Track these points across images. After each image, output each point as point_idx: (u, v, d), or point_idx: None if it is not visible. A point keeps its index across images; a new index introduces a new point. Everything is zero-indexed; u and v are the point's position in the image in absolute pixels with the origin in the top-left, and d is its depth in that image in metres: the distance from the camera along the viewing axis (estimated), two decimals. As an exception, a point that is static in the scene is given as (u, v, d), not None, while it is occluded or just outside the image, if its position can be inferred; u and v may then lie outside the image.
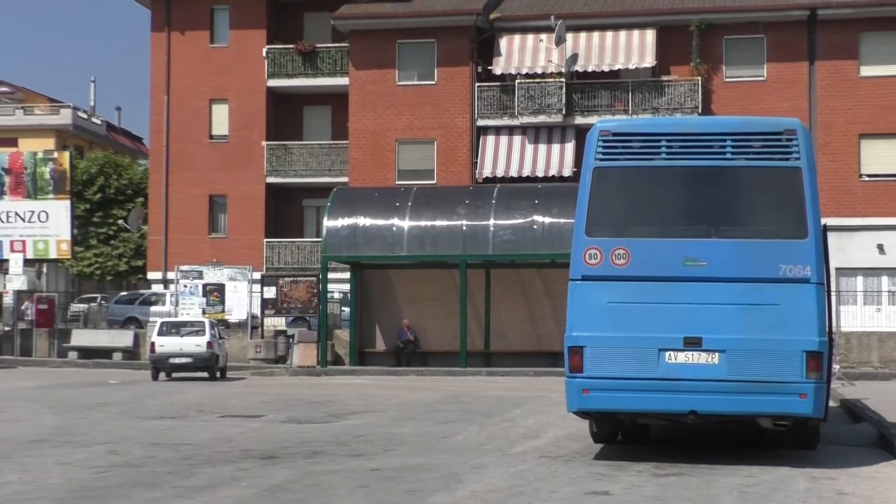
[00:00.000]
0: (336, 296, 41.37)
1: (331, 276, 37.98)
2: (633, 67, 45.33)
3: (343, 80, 47.22)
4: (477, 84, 46.39)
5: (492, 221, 35.93)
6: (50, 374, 34.79)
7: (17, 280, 41.94)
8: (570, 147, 45.57)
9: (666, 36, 45.39)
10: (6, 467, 14.34)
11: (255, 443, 17.03)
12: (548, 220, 35.36)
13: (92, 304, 52.35)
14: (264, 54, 47.62)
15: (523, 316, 37.03)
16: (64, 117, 79.26)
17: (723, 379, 13.63)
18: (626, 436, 15.87)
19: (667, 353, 13.81)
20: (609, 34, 45.79)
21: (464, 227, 36.03)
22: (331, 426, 19.54)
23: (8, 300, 42.09)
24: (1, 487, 12.80)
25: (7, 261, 42.30)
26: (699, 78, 45.29)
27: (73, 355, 39.69)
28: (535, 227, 35.47)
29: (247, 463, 14.70)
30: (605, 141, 14.36)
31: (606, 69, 45.54)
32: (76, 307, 51.13)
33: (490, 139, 46.42)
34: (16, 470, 14.10)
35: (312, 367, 36.16)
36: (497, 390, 28.29)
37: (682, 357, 13.79)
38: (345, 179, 46.26)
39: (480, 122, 46.53)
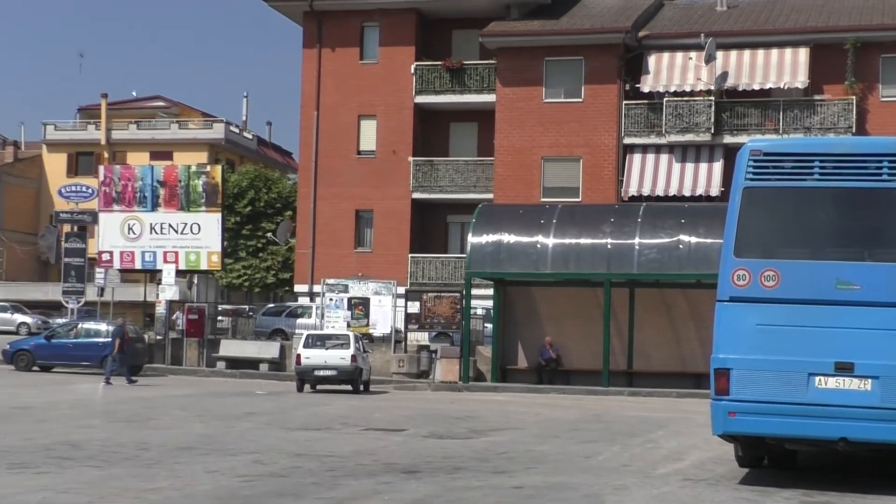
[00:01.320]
0: (479, 312, 41.43)
1: (474, 292, 38.06)
2: (785, 86, 44.55)
3: (490, 97, 47.38)
4: (624, 102, 46.10)
5: (637, 240, 35.62)
6: (199, 383, 35.54)
7: (169, 290, 42.95)
8: (718, 166, 44.99)
9: (819, 54, 44.50)
10: (157, 473, 14.69)
11: (398, 457, 17.14)
12: (694, 239, 34.92)
13: (240, 316, 53.37)
14: (412, 71, 48.04)
15: (667, 336, 36.60)
16: (217, 132, 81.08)
17: (876, 406, 13.27)
18: (773, 461, 15.54)
19: (816, 378, 13.51)
20: (760, 52, 45.11)
21: (608, 246, 35.79)
22: (472, 442, 19.56)
23: (160, 310, 43.13)
24: (153, 493, 13.12)
25: (160, 271, 43.36)
26: (853, 97, 44.31)
27: (221, 365, 40.45)
28: (680, 246, 35.05)
29: (389, 476, 14.80)
30: (755, 161, 14.14)
31: (757, 87, 44.85)
32: (224, 318, 52.19)
33: (636, 157, 46.07)
34: (166, 476, 14.44)
35: (454, 383, 36.26)
36: (639, 410, 28.00)
37: (832, 382, 13.47)
38: (490, 196, 46.37)
39: (627, 140, 46.21)
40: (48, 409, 24.16)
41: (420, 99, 48.30)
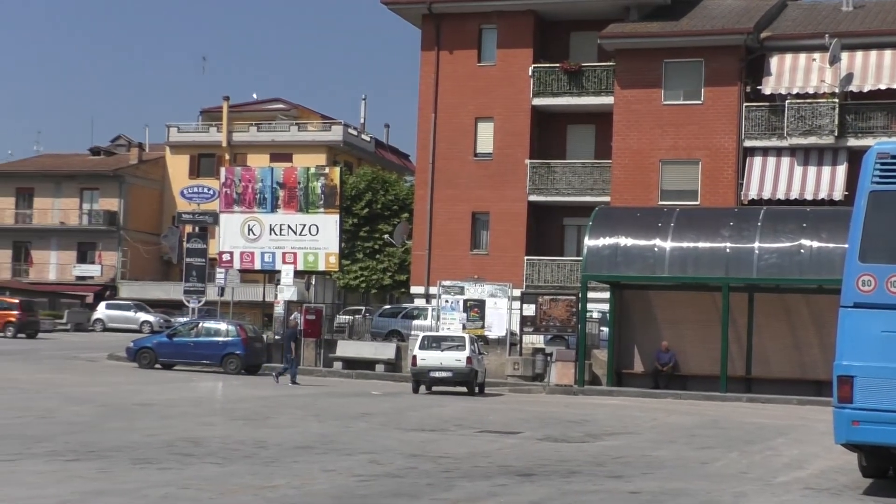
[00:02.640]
0: (595, 315, 41.18)
1: (590, 295, 37.84)
2: (913, 87, 43.54)
3: (608, 100, 47.09)
4: (745, 104, 45.47)
5: (756, 244, 35.08)
6: (315, 383, 35.87)
7: (287, 291, 43.44)
8: (841, 170, 44.13)
9: (949, 54, 43.39)
10: (275, 472, 14.88)
11: (512, 459, 17.12)
12: (816, 244, 34.27)
13: (356, 317, 53.82)
14: (530, 73, 47.95)
15: (787, 342, 35.97)
16: (335, 134, 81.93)
17: None
18: (899, 471, 15.20)
19: (944, 387, 13.17)
20: (887, 53, 44.15)
21: (727, 250, 35.31)
22: (588, 446, 19.46)
23: (278, 310, 43.64)
24: (271, 491, 13.29)
25: (279, 272, 43.89)
26: None
27: (337, 365, 40.78)
28: (802, 251, 34.42)
29: (504, 479, 14.79)
30: (882, 164, 13.83)
31: (884, 88, 43.87)
32: (342, 318, 52.64)
33: (757, 160, 45.40)
34: (284, 474, 14.61)
35: (570, 386, 36.09)
36: (758, 417, 27.57)
37: (960, 391, 13.12)
38: (606, 199, 46.08)
39: (747, 143, 45.57)
40: (170, 407, 24.61)
41: (537, 101, 48.18)
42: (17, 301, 59.48)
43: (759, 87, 45.31)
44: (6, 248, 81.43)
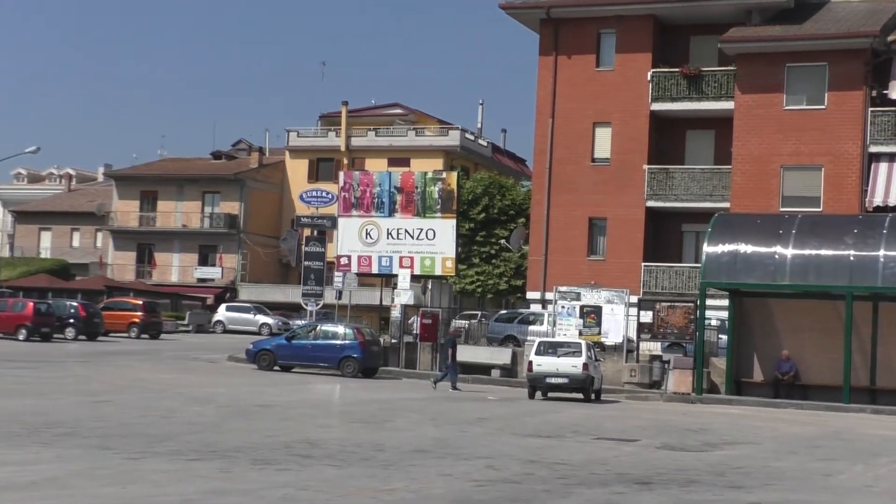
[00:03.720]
0: (713, 323, 40.65)
1: (709, 302, 37.37)
2: None
3: (728, 104, 46.44)
4: (870, 109, 44.48)
5: (882, 252, 34.33)
6: (431, 387, 35.99)
7: (404, 295, 43.64)
8: (970, 176, 42.95)
9: None
10: (393, 475, 14.96)
11: (630, 467, 16.99)
12: (944, 252, 33.41)
13: (472, 321, 53.85)
14: (649, 78, 47.53)
15: (913, 352, 35.15)
16: (452, 139, 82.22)
17: None
18: None
19: None
20: None
21: (851, 258, 34.61)
22: (706, 455, 19.23)
23: (395, 314, 43.88)
24: (388, 494, 13.36)
25: (396, 276, 44.13)
26: None
27: (452, 369, 40.84)
28: (929, 259, 33.58)
29: (621, 487, 14.68)
30: None
31: None
32: (458, 323, 52.67)
33: (883, 166, 44.39)
34: (402, 478, 14.69)
35: (687, 394, 35.69)
36: (884, 429, 26.98)
37: None
38: (726, 205, 45.44)
39: (873, 149, 44.57)
40: (288, 408, 24.90)
41: (656, 106, 47.72)
42: (140, 302, 60.76)
43: (885, 92, 44.29)
44: (131, 251, 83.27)
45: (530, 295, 50.09)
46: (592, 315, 39.89)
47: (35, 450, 15.64)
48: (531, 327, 44.94)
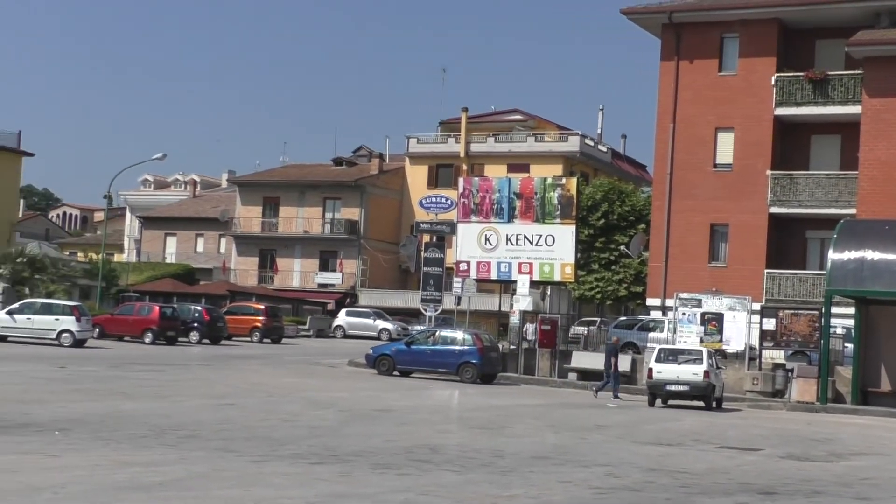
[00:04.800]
0: (839, 331, 39.83)
1: (834, 310, 36.63)
2: None
3: (854, 109, 45.47)
4: None
5: None
6: (550, 394, 35.91)
7: (523, 301, 43.56)
8: None
9: None
10: (513, 481, 14.93)
11: (753, 477, 16.73)
12: None
13: (591, 328, 53.53)
14: (773, 82, 46.76)
15: None
16: (572, 144, 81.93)
17: None
18: None
19: None
20: None
21: (983, 265, 33.64)
22: (832, 466, 18.85)
23: (514, 320, 43.83)
24: (508, 500, 13.34)
25: (515, 282, 44.07)
26: None
27: (572, 376, 40.64)
28: None
29: (744, 497, 14.46)
30: None
31: None
32: (576, 329, 52.44)
33: None
34: (521, 484, 14.65)
35: (811, 404, 35.03)
36: None
37: None
38: (852, 211, 44.49)
39: None
40: (408, 413, 25.01)
41: (780, 111, 46.95)
42: (262, 307, 61.63)
43: None
44: (253, 256, 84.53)
45: (650, 301, 49.64)
46: (714, 322, 39.40)
47: (160, 451, 15.94)
48: (651, 334, 44.56)
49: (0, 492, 12.16)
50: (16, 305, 47.00)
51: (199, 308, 56.29)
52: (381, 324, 68.62)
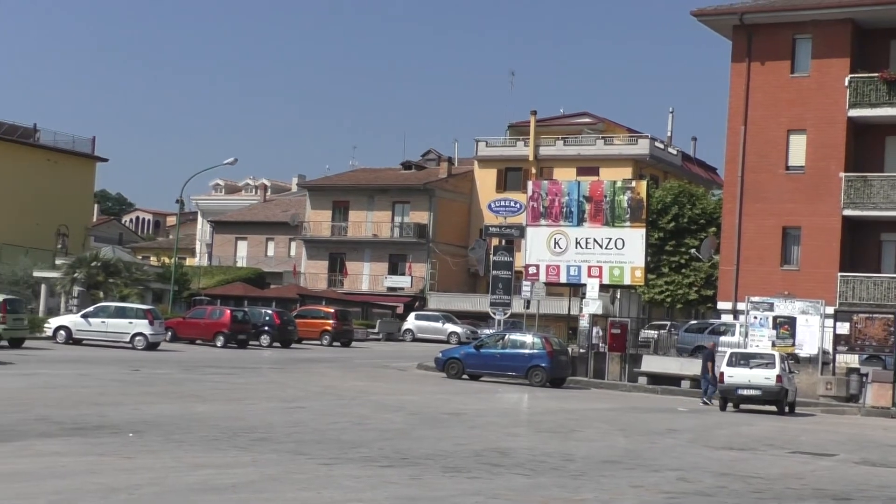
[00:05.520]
0: (911, 335, 39.22)
1: (910, 314, 36.12)
2: None
3: (930, 110, 44.82)
4: None
5: None
6: (620, 398, 35.73)
7: (592, 304, 43.37)
8: None
9: None
10: (583, 485, 14.87)
11: (827, 482, 16.54)
12: None
13: (661, 331, 53.21)
14: (846, 83, 46.18)
15: None
16: (641, 147, 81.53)
17: None
18: None
19: None
20: None
21: None
22: (910, 472, 18.57)
23: (583, 323, 43.67)
24: (579, 504, 13.30)
25: (584, 285, 43.89)
26: None
27: (642, 380, 40.39)
28: None
29: (818, 502, 14.29)
30: None
31: None
32: (646, 333, 52.20)
33: None
34: (592, 488, 14.59)
35: (887, 409, 34.52)
36: None
37: None
38: (928, 213, 43.85)
39: None
40: (477, 417, 25.01)
41: (853, 112, 46.35)
42: (332, 311, 61.94)
43: None
44: (323, 260, 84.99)
45: (721, 305, 49.23)
46: (786, 326, 38.98)
47: (233, 454, 16.07)
48: (722, 338, 44.19)
49: (78, 492, 12.34)
50: (90, 309, 47.63)
51: (269, 312, 56.69)
52: (449, 327, 68.67)
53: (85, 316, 46.44)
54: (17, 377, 28.32)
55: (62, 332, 46.12)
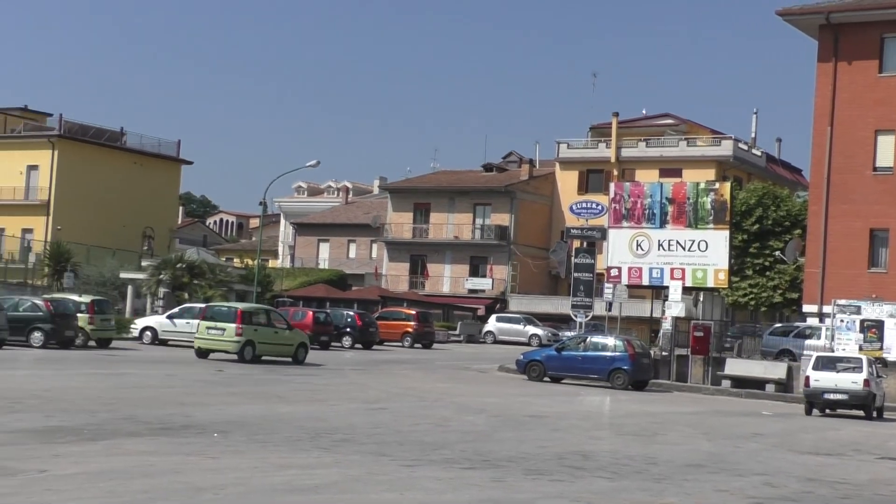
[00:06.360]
0: None
1: None
2: None
3: None
4: None
5: None
6: (703, 401, 35.39)
7: (675, 307, 43.03)
8: None
9: None
10: (667, 489, 14.76)
11: (917, 489, 16.24)
12: None
13: (745, 335, 52.56)
14: (933, 82, 45.41)
15: None
16: (725, 148, 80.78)
17: None
18: None
19: None
20: None
21: None
22: None
23: (666, 326, 43.34)
24: (663, 508, 13.19)
25: (667, 287, 43.55)
26: None
27: (725, 384, 40.00)
28: None
29: (909, 510, 14.06)
30: None
31: None
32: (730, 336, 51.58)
33: None
34: (675, 492, 14.47)
35: (977, 415, 33.85)
36: None
37: None
38: None
39: None
40: (559, 419, 24.92)
41: (943, 111, 45.50)
42: (414, 313, 62.12)
43: None
44: (404, 262, 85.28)
45: (806, 308, 48.58)
46: (874, 330, 38.37)
47: (315, 454, 16.17)
48: (808, 341, 43.63)
49: (165, 491, 12.49)
50: (176, 310, 48.24)
51: (351, 313, 57.01)
52: (531, 329, 68.54)
53: (170, 317, 47.05)
54: (105, 377, 28.78)
55: (148, 332, 46.79)
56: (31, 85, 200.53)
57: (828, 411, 31.96)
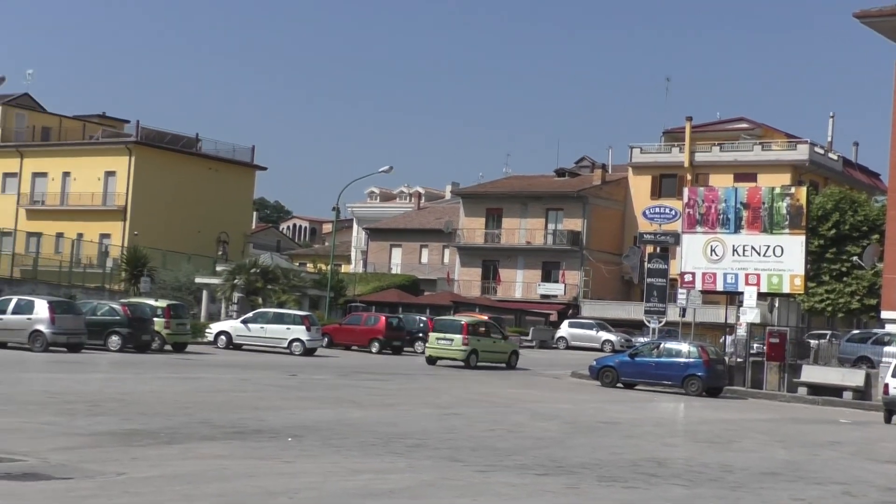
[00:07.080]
0: None
1: None
2: None
3: None
4: None
5: None
6: (779, 408, 35.00)
7: (750, 313, 42.56)
8: None
9: None
10: (742, 497, 14.60)
11: None
12: None
13: (822, 341, 51.86)
14: None
15: None
16: (800, 153, 79.87)
17: None
18: None
19: None
20: None
21: None
22: None
23: (741, 332, 42.87)
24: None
25: (741, 293, 43.11)
26: None
27: (802, 391, 39.52)
28: None
29: None
30: None
31: None
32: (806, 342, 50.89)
33: None
34: (751, 500, 14.31)
35: None
36: None
37: None
38: None
39: None
40: (633, 426, 24.76)
41: None
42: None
43: None
44: (476, 267, 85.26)
45: (885, 314, 47.81)
46: (954, 337, 37.67)
47: (389, 459, 16.20)
48: (887, 348, 42.93)
49: (239, 495, 12.58)
50: (250, 315, 48.66)
51: (423, 318, 57.08)
52: (603, 335, 68.24)
53: (244, 321, 47.47)
54: (181, 381, 29.08)
55: (222, 337, 47.24)
56: (109, 92, 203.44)
57: (907, 420, 31.43)
